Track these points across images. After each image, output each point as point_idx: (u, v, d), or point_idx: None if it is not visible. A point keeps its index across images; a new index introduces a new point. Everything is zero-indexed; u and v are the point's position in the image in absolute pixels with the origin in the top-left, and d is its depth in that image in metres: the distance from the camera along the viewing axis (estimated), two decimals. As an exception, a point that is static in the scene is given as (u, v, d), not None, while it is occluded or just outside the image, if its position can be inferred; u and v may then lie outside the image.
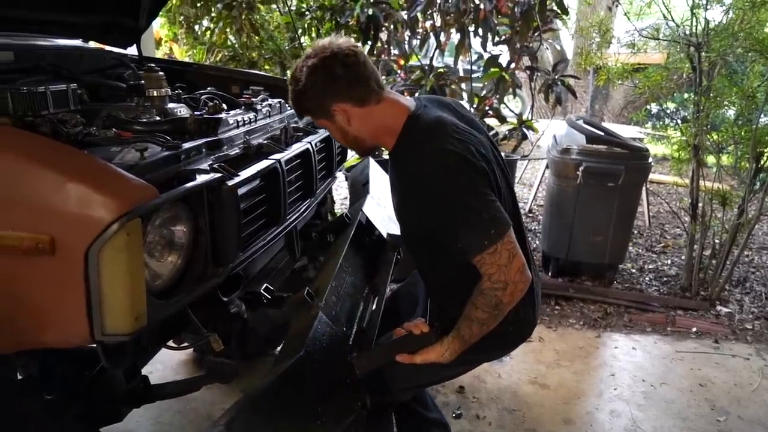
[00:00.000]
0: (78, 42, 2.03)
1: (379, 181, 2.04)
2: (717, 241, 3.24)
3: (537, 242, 3.85)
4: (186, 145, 1.24)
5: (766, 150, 2.99)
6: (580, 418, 2.20)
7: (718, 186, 3.17)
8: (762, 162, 3.00)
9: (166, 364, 2.48)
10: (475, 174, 1.18)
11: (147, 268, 1.05)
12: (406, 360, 1.27)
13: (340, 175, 3.82)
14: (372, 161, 2.18)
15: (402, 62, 4.00)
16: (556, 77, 3.77)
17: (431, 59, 3.77)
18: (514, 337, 1.40)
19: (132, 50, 2.17)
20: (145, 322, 0.98)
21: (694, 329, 2.90)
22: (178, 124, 1.36)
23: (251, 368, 2.44)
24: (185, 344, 1.67)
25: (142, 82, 1.58)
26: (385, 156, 3.88)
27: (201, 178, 1.12)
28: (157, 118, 1.46)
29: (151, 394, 1.45)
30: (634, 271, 3.61)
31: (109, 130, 1.27)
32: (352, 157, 4.02)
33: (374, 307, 1.58)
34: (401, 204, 1.32)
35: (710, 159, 3.30)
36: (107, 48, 2.12)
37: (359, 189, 2.05)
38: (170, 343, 1.52)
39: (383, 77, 3.75)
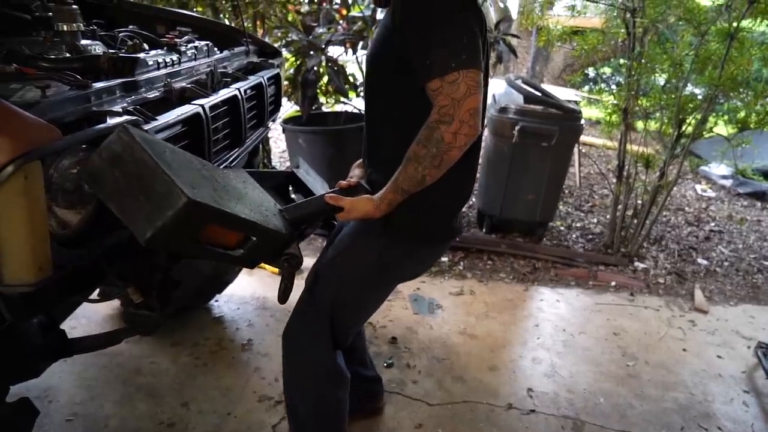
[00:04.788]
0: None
1: (308, 169, 1.98)
2: (639, 201, 3.43)
3: (473, 199, 3.93)
4: (97, 85, 1.15)
5: (688, 117, 3.15)
6: (504, 365, 2.32)
7: (643, 150, 3.33)
8: (683, 128, 3.16)
9: (90, 319, 2.39)
10: (473, 12, 1.20)
11: (53, 214, 0.99)
12: (338, 202, 1.24)
13: (279, 128, 3.72)
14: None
15: (344, 12, 3.88)
16: (498, 35, 3.77)
17: (374, 10, 3.66)
18: (445, 220, 1.38)
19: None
20: (50, 273, 0.93)
21: (613, 283, 3.09)
22: (89, 62, 1.26)
23: (184, 321, 2.41)
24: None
25: (51, 14, 1.44)
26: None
27: (113, 121, 1.05)
28: (67, 55, 1.34)
29: (67, 348, 1.39)
30: (562, 228, 3.78)
31: (9, 65, 1.16)
32: (291, 110, 3.91)
33: None
34: (385, 30, 1.29)
35: (639, 124, 3.45)
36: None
37: None
38: (93, 296, 1.45)
39: (325, 27, 3.64)
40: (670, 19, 3.21)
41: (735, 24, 2.86)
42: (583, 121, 3.33)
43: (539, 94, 3.44)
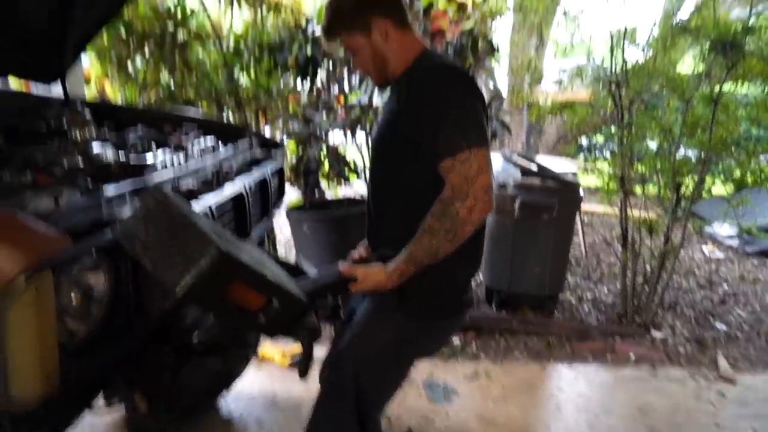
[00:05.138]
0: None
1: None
2: (648, 267, 3.39)
3: (480, 276, 3.90)
4: (109, 192, 1.17)
5: (684, 179, 3.19)
6: (528, 452, 2.19)
7: (645, 214, 3.34)
8: (682, 191, 3.19)
9: (95, 427, 2.28)
10: (477, 96, 1.25)
11: (62, 323, 0.97)
12: (349, 272, 1.25)
13: (284, 214, 3.76)
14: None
15: (342, 100, 4.04)
16: (491, 114, 3.91)
17: (370, 97, 3.82)
18: (457, 293, 1.38)
19: (58, 90, 2.07)
20: (57, 384, 0.90)
21: (632, 355, 2.98)
22: (101, 170, 1.30)
23: (192, 423, 2.30)
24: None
25: (65, 123, 1.51)
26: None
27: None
28: (80, 162, 1.38)
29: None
30: (573, 300, 3.72)
31: (25, 174, 1.19)
32: (294, 198, 3.98)
33: None
34: (390, 115, 1.33)
35: (638, 189, 3.48)
36: (32, 89, 2.02)
37: None
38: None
39: (324, 114, 3.79)
40: (654, 88, 3.33)
41: (717, 89, 2.96)
42: (581, 191, 3.37)
43: (535, 168, 3.50)
